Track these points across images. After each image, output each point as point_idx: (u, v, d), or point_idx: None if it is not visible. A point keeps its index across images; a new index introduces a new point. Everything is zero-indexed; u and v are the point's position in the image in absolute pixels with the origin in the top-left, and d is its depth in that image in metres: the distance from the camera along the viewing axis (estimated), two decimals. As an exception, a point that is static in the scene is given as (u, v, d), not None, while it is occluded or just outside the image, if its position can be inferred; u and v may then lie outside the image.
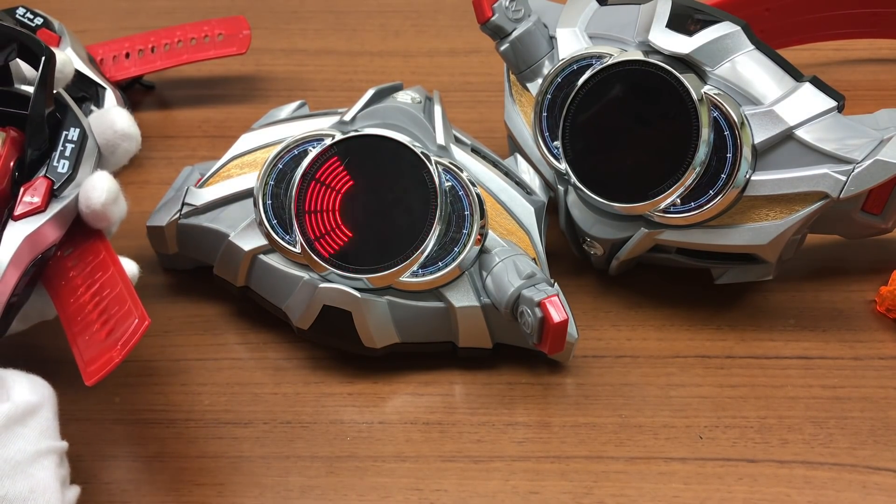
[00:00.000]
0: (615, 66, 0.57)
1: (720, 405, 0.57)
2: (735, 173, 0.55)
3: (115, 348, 0.48)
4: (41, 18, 0.70)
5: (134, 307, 0.50)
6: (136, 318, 0.49)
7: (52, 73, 0.53)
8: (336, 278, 0.56)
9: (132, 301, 0.50)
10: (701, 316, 0.61)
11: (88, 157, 0.54)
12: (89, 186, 0.53)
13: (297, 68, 0.79)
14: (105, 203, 0.52)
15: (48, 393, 0.49)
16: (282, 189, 0.57)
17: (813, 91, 0.56)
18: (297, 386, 0.58)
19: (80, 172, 0.53)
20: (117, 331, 0.49)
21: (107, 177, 0.53)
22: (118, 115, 0.56)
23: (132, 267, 0.53)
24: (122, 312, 0.50)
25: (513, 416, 0.56)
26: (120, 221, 0.54)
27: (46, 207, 0.52)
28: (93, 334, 0.50)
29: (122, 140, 0.55)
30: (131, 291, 0.51)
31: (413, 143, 0.57)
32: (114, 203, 0.53)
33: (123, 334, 0.49)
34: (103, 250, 0.53)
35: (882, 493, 0.53)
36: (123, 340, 0.48)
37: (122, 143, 0.56)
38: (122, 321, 0.49)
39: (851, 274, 0.63)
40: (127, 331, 0.49)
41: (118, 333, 0.49)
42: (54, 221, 0.52)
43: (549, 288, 0.55)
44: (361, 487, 0.53)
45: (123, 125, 0.55)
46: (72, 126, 0.54)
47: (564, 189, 0.61)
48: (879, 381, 0.58)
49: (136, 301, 0.50)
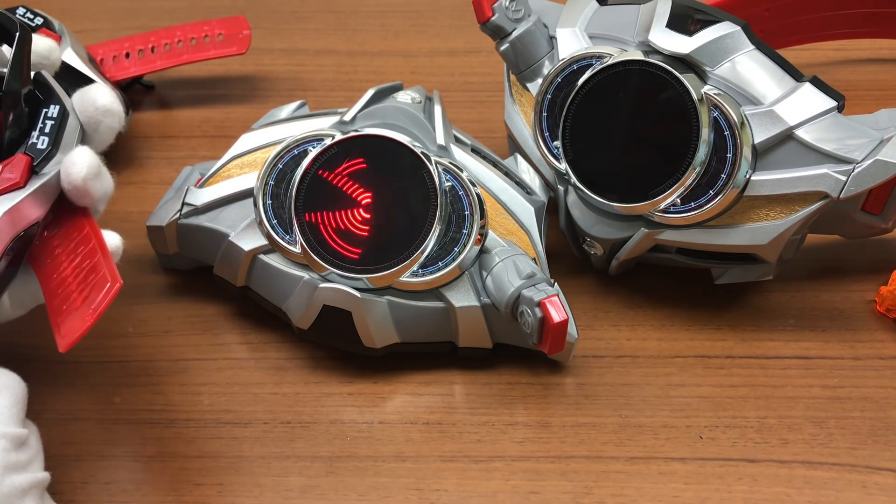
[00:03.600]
0: (615, 66, 0.57)
1: (720, 405, 0.57)
2: (735, 173, 0.56)
3: (88, 312, 0.48)
4: (41, 18, 0.70)
5: (108, 272, 0.49)
6: (108, 282, 0.49)
7: (27, 49, 0.53)
8: (336, 278, 0.56)
9: (107, 267, 0.49)
10: (701, 316, 0.61)
11: (70, 135, 0.53)
12: (69, 162, 0.52)
13: (297, 68, 0.79)
14: (86, 178, 0.52)
15: (9, 382, 0.49)
16: (282, 189, 0.58)
17: (813, 91, 0.56)
18: (297, 386, 0.58)
19: (62, 149, 0.53)
20: (91, 296, 0.49)
21: (87, 151, 0.53)
22: (99, 92, 0.55)
23: (114, 239, 0.53)
24: (98, 278, 0.49)
25: (513, 416, 0.56)
26: (106, 198, 0.54)
27: (26, 183, 0.51)
28: (70, 303, 0.50)
29: (104, 116, 0.55)
30: (108, 259, 0.50)
31: (413, 143, 0.57)
32: (95, 178, 0.52)
33: (96, 299, 0.48)
34: (87, 225, 0.52)
35: (882, 493, 0.53)
36: (95, 304, 0.48)
37: (104, 120, 0.55)
38: (96, 287, 0.49)
39: (851, 274, 0.63)
40: (99, 295, 0.48)
41: (91, 298, 0.49)
42: (34, 197, 0.52)
43: (549, 288, 0.55)
44: (361, 487, 0.53)
45: (105, 101, 0.55)
46: (52, 104, 0.53)
47: (564, 189, 0.61)
48: (879, 381, 0.58)
49: (112, 266, 0.49)
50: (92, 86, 0.55)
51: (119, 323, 0.60)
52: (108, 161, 0.69)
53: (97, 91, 0.55)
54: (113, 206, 0.67)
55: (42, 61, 0.56)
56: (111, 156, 0.69)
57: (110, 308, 0.49)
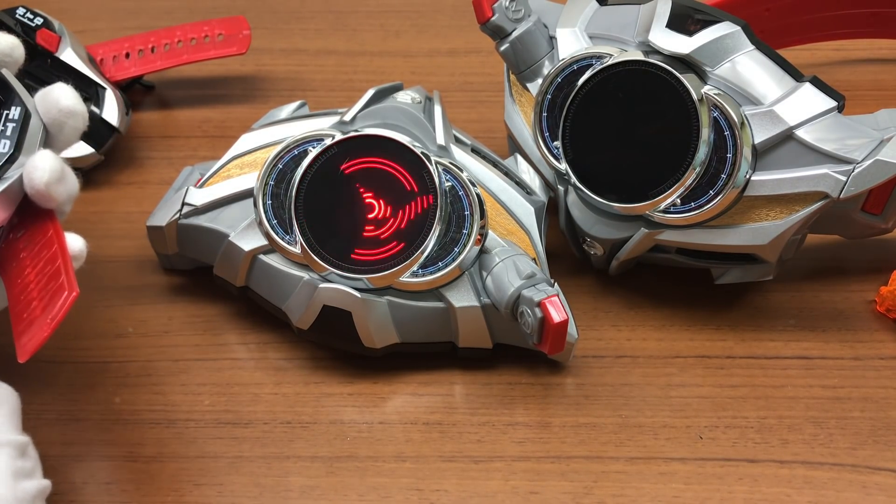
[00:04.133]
0: (615, 67, 0.57)
1: (720, 405, 0.57)
2: (735, 173, 0.55)
3: (45, 322, 0.48)
4: (41, 18, 0.70)
5: (66, 280, 0.49)
6: (66, 291, 0.48)
7: None
8: (336, 278, 0.56)
9: (66, 275, 0.49)
10: (701, 316, 0.61)
11: (33, 136, 0.52)
12: (31, 167, 0.51)
13: (297, 68, 0.79)
14: (48, 183, 0.51)
15: (6, 393, 0.49)
16: (282, 189, 0.57)
17: (813, 91, 0.56)
18: (297, 386, 0.58)
19: (24, 153, 0.52)
20: (50, 304, 0.48)
21: (49, 155, 0.52)
22: (62, 93, 0.53)
23: (77, 243, 0.52)
24: (56, 286, 0.49)
25: (513, 416, 0.56)
26: (71, 200, 0.53)
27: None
28: (30, 311, 0.49)
29: (67, 118, 0.53)
30: (67, 265, 0.49)
31: (413, 143, 0.57)
32: (58, 182, 0.52)
33: (54, 308, 0.48)
34: (51, 228, 0.52)
35: (882, 493, 0.53)
36: (53, 314, 0.48)
37: (68, 121, 0.53)
38: (55, 295, 0.49)
39: (851, 274, 0.63)
40: (56, 304, 0.48)
41: (50, 307, 0.48)
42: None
43: (549, 288, 0.55)
44: (361, 487, 0.53)
45: (68, 103, 0.53)
46: (13, 105, 0.52)
47: (564, 189, 0.61)
48: (879, 381, 0.58)
49: (70, 274, 0.49)
50: (55, 86, 0.54)
51: (119, 323, 0.60)
52: (108, 161, 0.70)
53: (60, 91, 0.53)
54: (113, 206, 0.67)
55: (4, 59, 0.55)
56: (111, 156, 0.70)
57: (110, 308, 0.49)
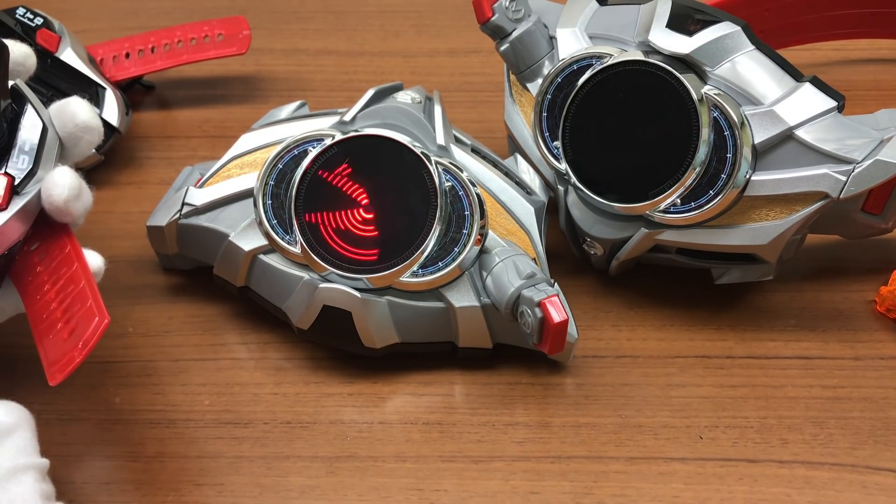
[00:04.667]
0: (615, 67, 0.57)
1: (720, 405, 0.57)
2: (735, 173, 0.55)
3: (77, 348, 0.48)
4: (41, 18, 0.70)
5: (95, 305, 0.49)
6: (96, 317, 0.48)
7: (5, 64, 0.52)
8: (336, 278, 0.56)
9: (93, 298, 0.49)
10: (701, 316, 0.61)
11: (49, 151, 0.53)
12: (51, 183, 0.52)
13: (297, 68, 0.79)
14: (67, 200, 0.52)
15: (24, 415, 0.49)
16: (282, 189, 0.57)
17: (813, 91, 0.56)
18: (297, 386, 0.58)
19: (42, 167, 0.52)
20: (79, 330, 0.49)
21: (68, 172, 0.52)
22: (79, 107, 0.54)
23: (97, 260, 0.52)
24: (84, 310, 0.49)
25: (513, 416, 0.56)
26: (85, 214, 0.54)
27: (7, 205, 0.51)
28: (56, 333, 0.49)
29: (83, 133, 0.54)
30: (93, 288, 0.50)
31: (413, 144, 0.57)
32: (76, 199, 0.52)
33: (84, 333, 0.48)
34: (68, 244, 0.52)
35: (882, 493, 0.53)
36: (84, 340, 0.48)
37: (84, 136, 0.54)
38: (83, 320, 0.49)
39: (851, 274, 0.63)
40: (87, 330, 0.48)
41: (79, 332, 0.48)
42: (17, 218, 0.52)
43: (549, 288, 0.55)
44: (361, 487, 0.53)
45: (85, 117, 0.54)
46: (31, 120, 0.53)
47: (564, 189, 0.61)
48: (879, 381, 0.58)
49: (98, 298, 0.49)
50: (70, 100, 0.54)
51: (119, 323, 0.60)
52: (108, 161, 0.70)
53: (77, 106, 0.54)
54: (113, 206, 0.67)
55: (17, 68, 0.55)
56: (111, 156, 0.70)
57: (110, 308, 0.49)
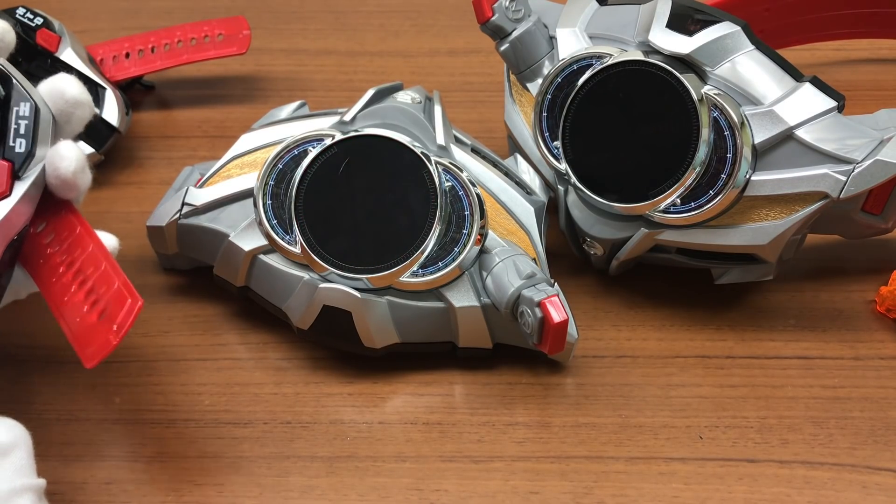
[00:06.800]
0: (615, 66, 0.57)
1: (720, 405, 0.57)
2: (735, 173, 0.56)
3: (111, 331, 0.48)
4: (41, 18, 0.70)
5: (123, 287, 0.48)
6: (128, 299, 0.48)
7: None
8: (336, 278, 0.56)
9: (120, 281, 0.49)
10: (701, 316, 0.61)
11: (45, 130, 0.52)
12: (57, 156, 0.52)
13: (297, 68, 0.79)
14: (75, 171, 0.52)
15: (21, 433, 0.48)
16: (282, 189, 0.57)
17: (813, 91, 0.56)
18: (297, 386, 0.58)
19: (39, 148, 0.52)
20: (110, 312, 0.48)
21: (72, 145, 0.52)
22: (67, 84, 0.53)
23: (111, 241, 0.53)
24: (112, 293, 0.49)
25: (513, 416, 0.56)
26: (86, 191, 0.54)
27: (11, 191, 0.51)
28: (83, 316, 0.49)
29: (74, 108, 0.53)
30: (116, 269, 0.49)
31: (413, 143, 0.57)
32: (82, 171, 0.52)
33: (117, 316, 0.48)
34: (78, 224, 0.52)
35: (882, 493, 0.53)
36: (119, 323, 0.47)
37: (75, 111, 0.53)
38: (113, 302, 0.48)
39: (851, 274, 0.63)
40: (120, 312, 0.48)
41: (110, 314, 0.48)
42: (22, 203, 0.51)
43: (549, 288, 0.55)
44: (361, 487, 0.53)
45: (74, 92, 0.53)
46: (21, 101, 0.52)
47: (564, 189, 0.61)
48: (879, 381, 0.58)
49: (124, 280, 0.49)
50: (59, 76, 0.54)
51: (119, 323, 0.60)
52: (108, 161, 0.70)
53: (65, 82, 0.53)
54: (113, 206, 0.67)
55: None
56: (111, 156, 0.70)
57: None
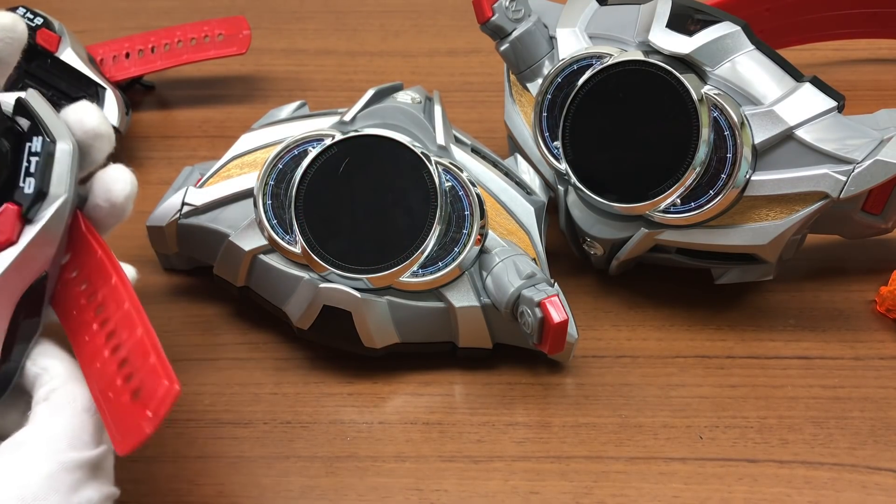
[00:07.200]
0: (615, 66, 0.57)
1: (720, 405, 0.57)
2: (735, 173, 0.56)
3: (146, 418, 0.44)
4: (41, 18, 0.70)
5: (160, 364, 0.44)
6: (164, 381, 0.44)
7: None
8: (336, 278, 0.56)
9: (156, 354, 0.45)
10: (701, 316, 0.61)
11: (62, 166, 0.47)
12: (111, 179, 0.49)
13: (297, 68, 0.79)
14: (129, 196, 0.49)
15: (110, 444, 0.47)
16: (282, 189, 0.57)
17: (813, 91, 0.56)
18: (297, 386, 0.58)
19: (53, 185, 0.47)
20: (144, 393, 0.44)
21: (125, 168, 0.50)
22: (86, 113, 0.50)
23: (130, 272, 0.50)
24: (147, 369, 0.45)
25: (513, 416, 0.56)
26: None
27: (18, 238, 0.46)
28: (117, 391, 0.45)
29: (93, 140, 0.49)
30: (151, 335, 0.45)
31: (413, 144, 0.57)
32: (133, 197, 0.50)
33: (151, 399, 0.43)
34: (113, 273, 0.48)
35: (882, 493, 0.53)
36: (154, 410, 0.44)
37: (94, 143, 0.49)
38: (147, 381, 0.44)
39: (851, 274, 0.63)
40: (155, 396, 0.43)
41: (145, 396, 0.44)
42: (33, 249, 0.47)
43: (549, 288, 0.55)
44: (361, 487, 0.53)
45: (93, 123, 0.49)
46: (35, 135, 0.47)
47: (564, 189, 0.61)
48: (879, 381, 0.58)
49: (161, 354, 0.45)
50: (79, 105, 0.50)
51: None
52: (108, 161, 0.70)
53: (84, 112, 0.50)
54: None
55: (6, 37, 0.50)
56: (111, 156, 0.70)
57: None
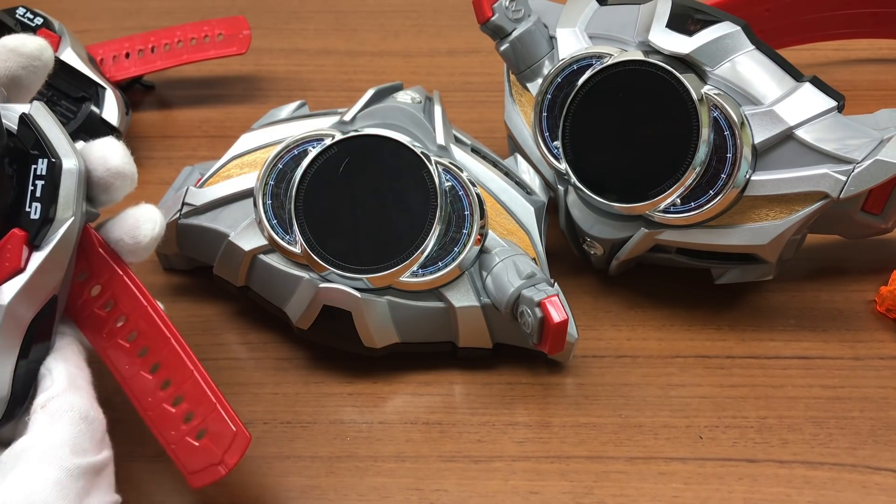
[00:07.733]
0: (615, 66, 0.57)
1: (720, 405, 0.57)
2: (735, 173, 0.55)
3: (221, 462, 0.47)
4: (41, 18, 0.70)
5: (225, 414, 0.47)
6: (233, 431, 0.47)
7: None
8: (336, 278, 0.56)
9: (220, 405, 0.47)
10: (701, 316, 0.61)
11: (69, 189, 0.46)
12: (142, 218, 0.48)
13: (297, 68, 0.79)
14: (155, 238, 0.49)
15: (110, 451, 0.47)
16: (282, 189, 0.57)
17: (813, 91, 0.56)
18: (297, 386, 0.58)
19: (60, 209, 0.46)
20: (212, 438, 0.47)
21: (155, 209, 0.49)
22: (112, 151, 0.48)
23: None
24: (212, 416, 0.47)
25: (513, 416, 0.56)
26: None
27: (26, 264, 0.46)
28: (179, 430, 0.47)
29: (115, 178, 0.48)
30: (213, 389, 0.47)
31: (413, 143, 0.57)
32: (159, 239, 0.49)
33: (220, 449, 0.47)
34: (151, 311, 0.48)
35: (882, 493, 0.53)
36: (225, 462, 0.47)
37: (115, 182, 0.48)
38: (215, 430, 0.47)
39: (851, 274, 0.63)
40: (224, 445, 0.47)
41: (215, 444, 0.47)
42: (41, 275, 0.46)
43: (549, 288, 0.55)
44: (361, 487, 0.53)
45: (117, 162, 0.48)
46: (40, 157, 0.46)
47: (564, 189, 0.61)
48: (879, 381, 0.58)
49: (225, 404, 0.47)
50: (104, 141, 0.48)
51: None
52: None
53: (109, 150, 0.48)
54: (112, 207, 0.67)
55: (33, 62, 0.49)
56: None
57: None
